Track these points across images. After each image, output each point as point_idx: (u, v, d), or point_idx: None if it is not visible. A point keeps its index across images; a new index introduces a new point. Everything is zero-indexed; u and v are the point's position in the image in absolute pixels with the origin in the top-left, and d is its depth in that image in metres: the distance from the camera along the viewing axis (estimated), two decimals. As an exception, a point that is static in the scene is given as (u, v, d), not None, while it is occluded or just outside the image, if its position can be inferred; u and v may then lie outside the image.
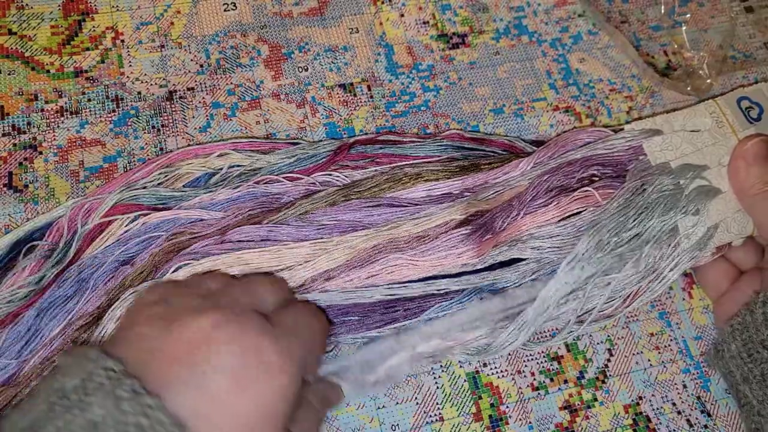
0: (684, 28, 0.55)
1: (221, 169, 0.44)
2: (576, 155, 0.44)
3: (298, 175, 0.44)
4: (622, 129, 0.45)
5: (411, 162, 0.46)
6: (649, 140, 0.43)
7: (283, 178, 0.44)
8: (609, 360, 0.44)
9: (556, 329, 0.43)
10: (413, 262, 0.41)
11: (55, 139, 0.45)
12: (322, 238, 0.41)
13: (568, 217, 0.42)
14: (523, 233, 0.41)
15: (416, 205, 0.43)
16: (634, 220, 0.41)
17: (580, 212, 0.42)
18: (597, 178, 0.44)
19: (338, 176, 0.44)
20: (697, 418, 0.43)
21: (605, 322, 0.44)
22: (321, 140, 0.47)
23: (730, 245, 0.44)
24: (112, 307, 0.38)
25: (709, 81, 0.52)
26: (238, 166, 0.44)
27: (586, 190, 0.42)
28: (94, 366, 0.27)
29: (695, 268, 0.46)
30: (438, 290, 0.42)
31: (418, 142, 0.47)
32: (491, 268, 0.42)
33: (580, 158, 0.44)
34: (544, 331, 0.44)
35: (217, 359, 0.28)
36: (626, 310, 0.43)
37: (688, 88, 0.52)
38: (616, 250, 0.40)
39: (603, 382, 0.44)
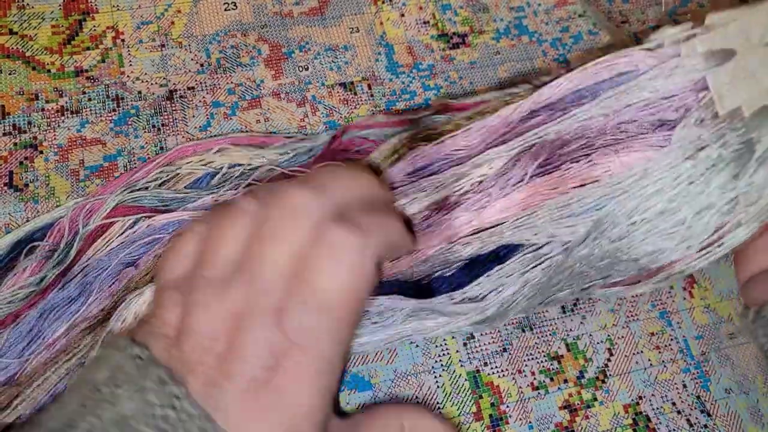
0: (684, 27, 0.55)
1: (222, 168, 0.44)
2: (600, 110, 0.32)
3: (300, 170, 0.44)
4: (659, 43, 0.32)
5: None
6: (716, 70, 0.30)
7: (289, 171, 0.44)
8: (609, 359, 0.44)
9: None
10: None
11: (55, 139, 0.45)
12: None
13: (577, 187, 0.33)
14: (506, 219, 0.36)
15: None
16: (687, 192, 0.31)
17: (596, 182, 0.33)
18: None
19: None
20: (697, 418, 0.44)
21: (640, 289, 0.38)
22: (317, 132, 0.47)
23: None
24: (119, 308, 0.38)
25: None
26: (239, 165, 0.44)
27: (615, 158, 0.32)
28: (121, 356, 0.26)
29: None
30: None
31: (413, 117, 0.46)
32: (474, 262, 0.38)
33: (607, 122, 0.32)
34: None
35: (232, 376, 0.26)
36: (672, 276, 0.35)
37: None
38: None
39: (603, 381, 0.44)
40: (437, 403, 0.42)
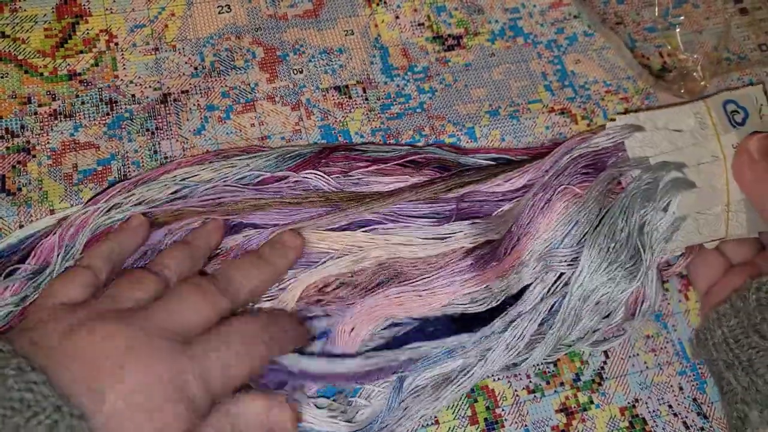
0: (678, 29, 0.55)
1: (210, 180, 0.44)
2: (561, 162, 0.44)
3: (287, 173, 0.44)
4: (603, 127, 0.45)
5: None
6: (630, 136, 0.44)
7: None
8: (605, 362, 0.44)
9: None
10: (419, 294, 0.41)
11: (48, 143, 0.45)
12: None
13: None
14: (523, 254, 0.41)
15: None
16: (622, 220, 0.41)
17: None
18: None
19: (322, 176, 0.44)
20: (693, 421, 0.43)
21: (616, 342, 0.44)
22: (309, 143, 0.47)
23: (701, 246, 0.44)
24: None
25: (702, 83, 0.52)
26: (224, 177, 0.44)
27: (565, 187, 0.42)
28: None
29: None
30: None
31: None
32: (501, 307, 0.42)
33: (565, 164, 0.44)
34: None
35: (111, 386, 0.30)
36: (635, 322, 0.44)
37: (682, 91, 0.52)
38: (619, 260, 0.40)
39: (599, 384, 0.44)
40: (433, 406, 0.42)
